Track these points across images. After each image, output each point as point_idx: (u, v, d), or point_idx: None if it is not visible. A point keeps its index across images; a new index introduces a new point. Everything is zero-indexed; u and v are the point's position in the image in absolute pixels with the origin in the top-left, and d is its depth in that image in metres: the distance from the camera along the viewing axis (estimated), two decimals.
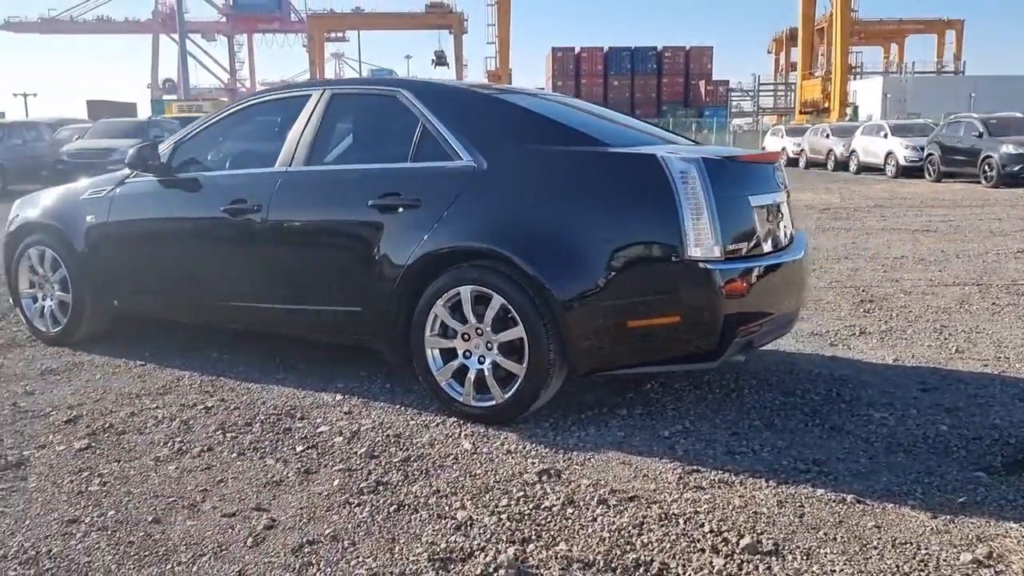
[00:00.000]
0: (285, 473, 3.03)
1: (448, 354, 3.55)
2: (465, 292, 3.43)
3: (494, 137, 3.58)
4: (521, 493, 2.84)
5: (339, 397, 3.85)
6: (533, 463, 3.09)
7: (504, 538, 2.52)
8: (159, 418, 3.62)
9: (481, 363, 3.47)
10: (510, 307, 3.33)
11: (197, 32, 78.96)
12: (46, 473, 3.07)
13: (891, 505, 2.75)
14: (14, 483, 2.99)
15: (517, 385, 3.39)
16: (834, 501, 2.78)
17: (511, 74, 49.59)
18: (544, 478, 2.96)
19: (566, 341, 3.29)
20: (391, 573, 2.34)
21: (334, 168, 3.94)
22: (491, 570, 2.33)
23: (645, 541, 2.51)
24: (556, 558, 2.40)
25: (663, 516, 2.66)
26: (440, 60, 64.86)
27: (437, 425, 3.50)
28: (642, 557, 2.42)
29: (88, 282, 4.64)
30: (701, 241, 3.17)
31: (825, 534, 2.55)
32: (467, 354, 3.51)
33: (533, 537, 2.53)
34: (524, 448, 3.24)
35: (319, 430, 3.45)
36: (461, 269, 3.43)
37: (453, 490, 2.87)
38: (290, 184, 3.94)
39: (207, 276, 4.26)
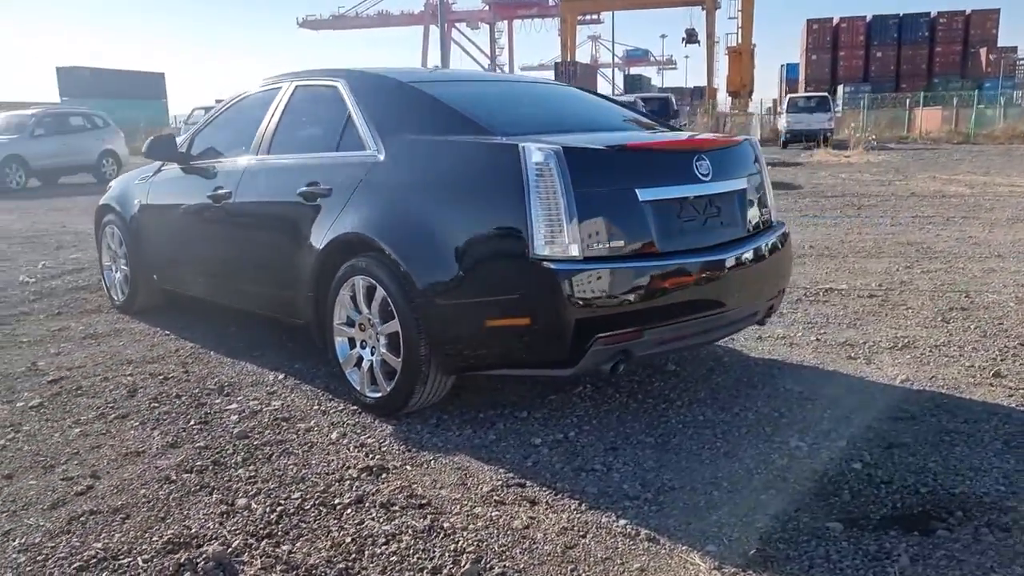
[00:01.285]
0: (151, 445, 3.25)
1: (352, 343, 3.60)
2: (358, 282, 3.45)
3: (395, 127, 3.54)
4: (322, 488, 2.82)
5: (281, 376, 4.03)
6: (370, 459, 3.05)
7: (250, 531, 2.53)
8: (119, 384, 4.00)
9: (373, 354, 3.48)
10: (389, 299, 3.30)
11: (462, 21, 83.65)
12: None
13: (683, 547, 2.41)
14: None
15: (396, 379, 3.36)
16: (623, 535, 2.48)
17: (754, 50, 46.99)
18: (363, 475, 2.92)
19: (430, 337, 3.20)
20: (123, 552, 2.45)
21: (278, 158, 4.09)
22: (197, 559, 2.37)
23: (377, 552, 2.41)
24: (271, 557, 2.38)
25: (426, 529, 2.53)
26: (691, 38, 63.11)
27: (335, 412, 3.55)
28: (356, 568, 2.34)
29: (137, 258, 5.21)
30: (553, 239, 2.92)
31: (551, 570, 2.30)
32: (363, 344, 3.53)
33: (277, 533, 2.53)
34: (379, 443, 3.20)
35: (228, 407, 3.64)
36: (356, 259, 3.44)
37: (270, 478, 2.92)
38: (250, 173, 4.17)
39: (200, 255, 4.63)
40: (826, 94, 28.70)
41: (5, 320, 5.39)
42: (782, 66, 62.82)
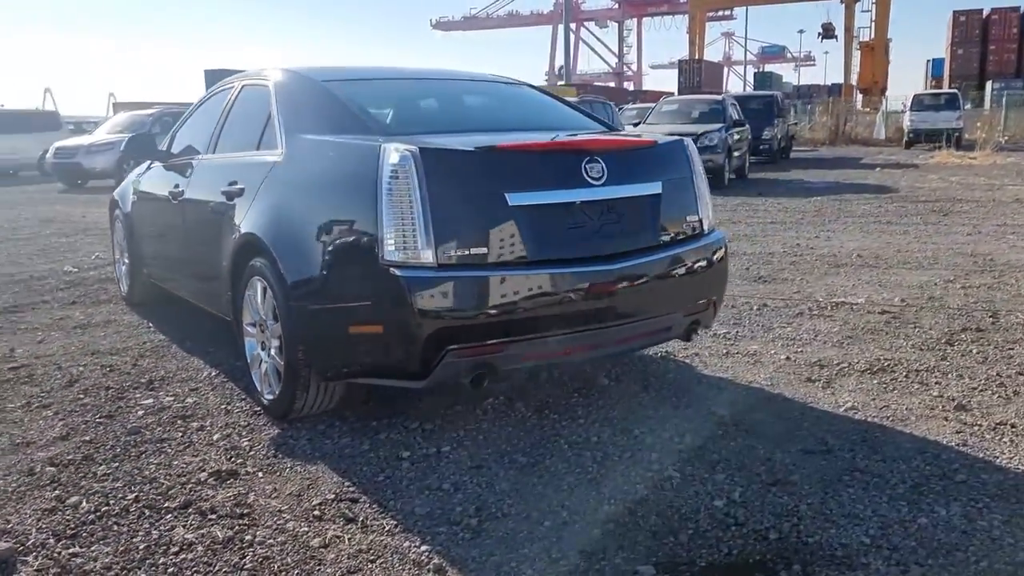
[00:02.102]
0: (46, 436, 3.32)
1: (257, 344, 3.57)
2: (256, 283, 3.42)
3: (297, 127, 3.48)
4: (162, 490, 2.80)
5: (215, 373, 4.06)
6: (229, 462, 3.01)
7: (58, 530, 2.52)
8: (66, 374, 4.13)
9: (269, 356, 3.44)
10: (275, 302, 3.26)
11: (591, 20, 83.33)
12: None
13: None
14: None
15: (280, 383, 3.31)
16: (412, 563, 2.33)
17: (889, 45, 44.22)
18: (210, 479, 2.88)
19: (303, 341, 3.12)
20: None
21: (214, 156, 4.12)
22: None
23: (161, 562, 2.36)
24: (52, 559, 2.37)
25: (225, 540, 2.46)
26: (827, 33, 60.29)
27: (238, 413, 3.54)
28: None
29: (132, 252, 5.40)
30: (405, 245, 2.78)
31: None
32: (264, 345, 3.50)
33: (81, 535, 2.51)
34: (251, 446, 3.16)
35: (143, 402, 3.69)
36: (254, 260, 3.41)
37: (122, 477, 2.92)
38: (198, 170, 4.23)
39: (164, 250, 4.75)
40: (955, 91, 26.62)
41: (22, 307, 5.71)
42: (928, 61, 59.04)
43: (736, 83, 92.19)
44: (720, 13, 76.32)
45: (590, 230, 3.05)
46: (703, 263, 3.39)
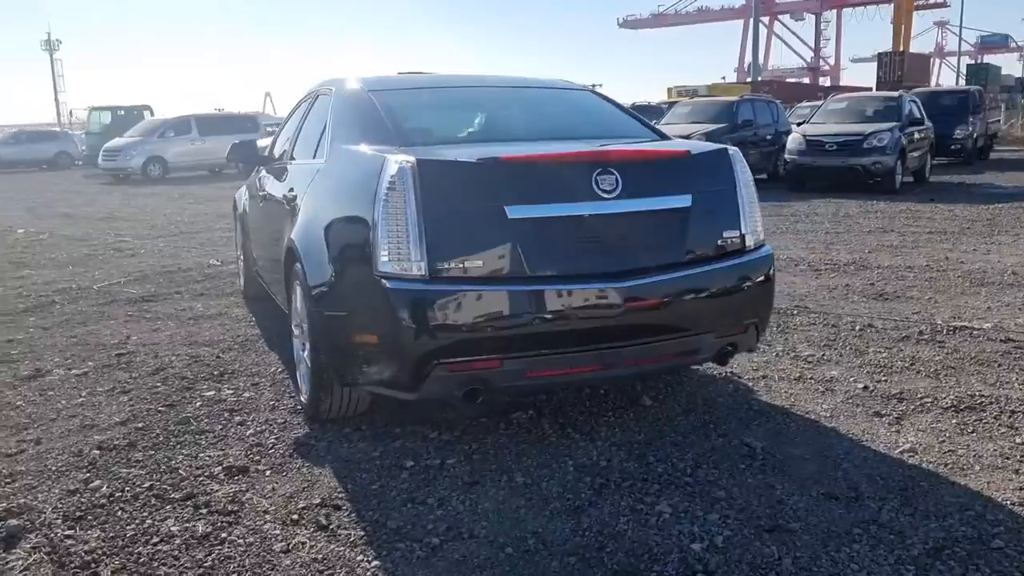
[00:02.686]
0: (109, 420, 3.61)
1: (299, 345, 3.70)
2: (295, 287, 3.54)
3: (339, 136, 3.56)
4: (176, 480, 2.97)
5: (281, 370, 4.26)
6: (247, 458, 3.14)
7: (70, 512, 2.73)
8: (159, 362, 4.47)
9: (305, 359, 3.56)
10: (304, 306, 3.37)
11: (785, 12, 79.69)
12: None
13: None
14: None
15: (309, 386, 3.41)
16: None
17: None
18: (222, 473, 3.03)
19: (322, 346, 3.20)
20: None
21: (291, 162, 4.27)
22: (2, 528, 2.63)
23: (138, 551, 2.50)
24: (47, 537, 2.57)
25: (202, 536, 2.57)
26: None
27: (282, 410, 3.69)
28: (102, 561, 2.45)
29: (244, 250, 5.78)
30: (399, 256, 2.77)
31: None
32: (304, 347, 3.62)
33: (86, 517, 2.71)
34: (274, 445, 3.28)
35: (206, 394, 3.92)
36: (295, 264, 3.54)
37: (148, 465, 3.12)
38: (278, 175, 4.44)
39: (257, 249, 5.02)
40: None
41: (158, 297, 6.26)
42: None
43: (948, 76, 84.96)
44: (931, 1, 70.59)
45: (601, 246, 2.91)
46: (741, 283, 3.15)
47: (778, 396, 3.70)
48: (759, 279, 3.22)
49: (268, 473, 3.04)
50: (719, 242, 3.14)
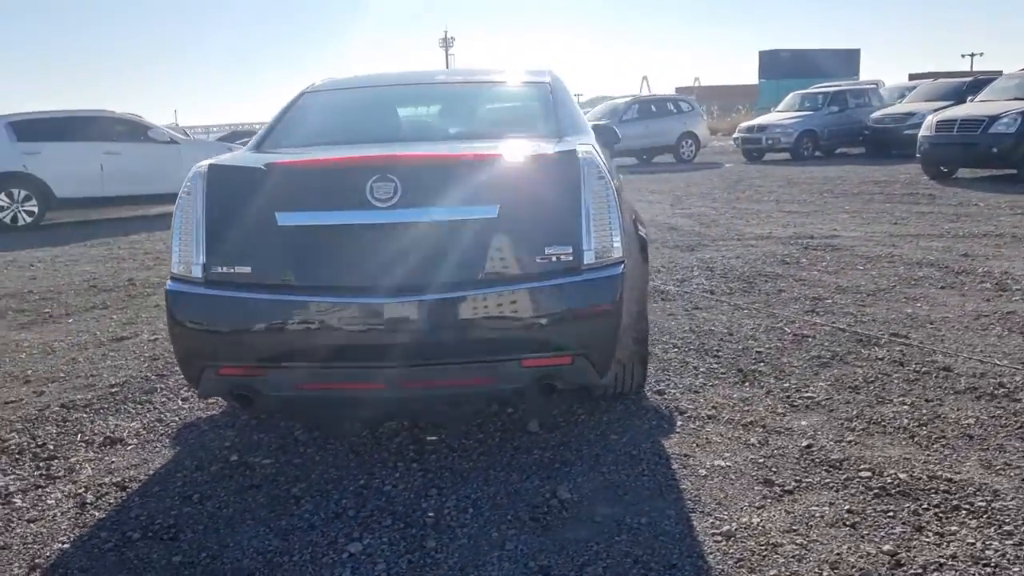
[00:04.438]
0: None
1: None
2: None
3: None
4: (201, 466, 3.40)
5: None
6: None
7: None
8: None
9: None
10: None
11: None
12: None
13: None
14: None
15: None
16: None
17: None
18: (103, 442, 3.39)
19: None
20: None
21: None
22: None
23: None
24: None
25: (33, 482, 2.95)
26: None
27: None
28: None
29: None
30: (187, 258, 2.84)
31: None
32: None
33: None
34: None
35: None
36: None
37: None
38: None
39: None
40: None
41: None
42: None
43: None
44: None
45: (379, 258, 2.71)
46: (559, 306, 2.72)
47: (677, 443, 3.11)
48: (592, 303, 2.74)
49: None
50: (538, 259, 2.73)
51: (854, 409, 3.38)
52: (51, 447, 3.36)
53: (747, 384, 3.73)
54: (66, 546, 2.55)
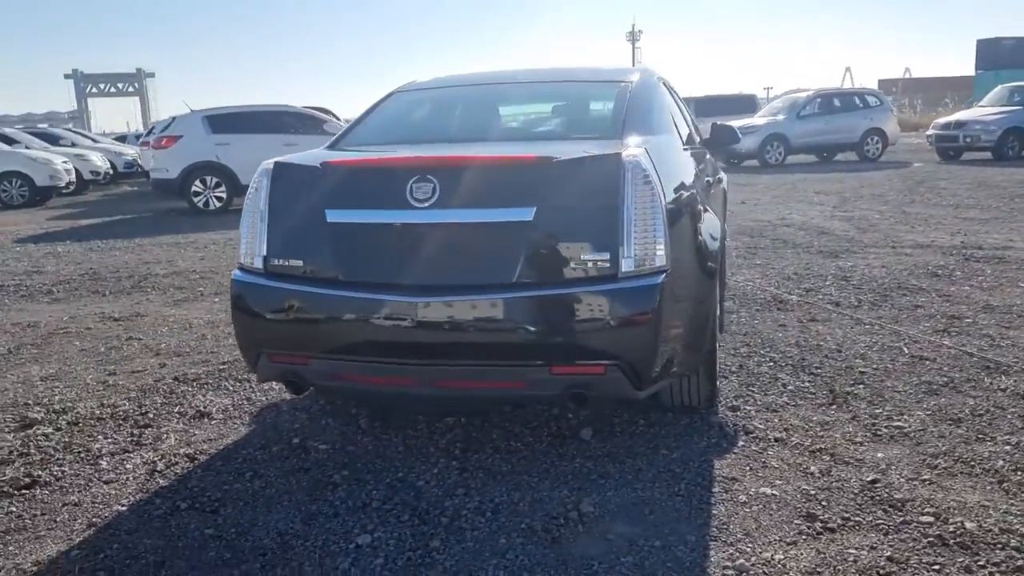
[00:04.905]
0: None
1: None
2: None
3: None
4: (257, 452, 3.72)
5: None
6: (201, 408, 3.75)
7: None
8: None
9: None
10: None
11: None
12: None
13: None
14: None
15: None
16: None
17: None
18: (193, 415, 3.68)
19: None
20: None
21: None
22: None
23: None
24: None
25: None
26: None
27: None
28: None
29: None
30: (252, 250, 3.02)
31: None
32: None
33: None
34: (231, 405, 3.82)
35: None
36: None
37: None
38: None
39: None
40: None
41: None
42: None
43: None
44: None
45: (415, 257, 2.76)
46: (592, 315, 2.64)
47: (732, 463, 2.93)
48: (626, 313, 2.64)
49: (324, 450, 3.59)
50: (573, 264, 2.67)
51: (945, 444, 3.04)
52: (151, 416, 3.68)
53: (834, 407, 3.45)
54: (123, 508, 2.79)
